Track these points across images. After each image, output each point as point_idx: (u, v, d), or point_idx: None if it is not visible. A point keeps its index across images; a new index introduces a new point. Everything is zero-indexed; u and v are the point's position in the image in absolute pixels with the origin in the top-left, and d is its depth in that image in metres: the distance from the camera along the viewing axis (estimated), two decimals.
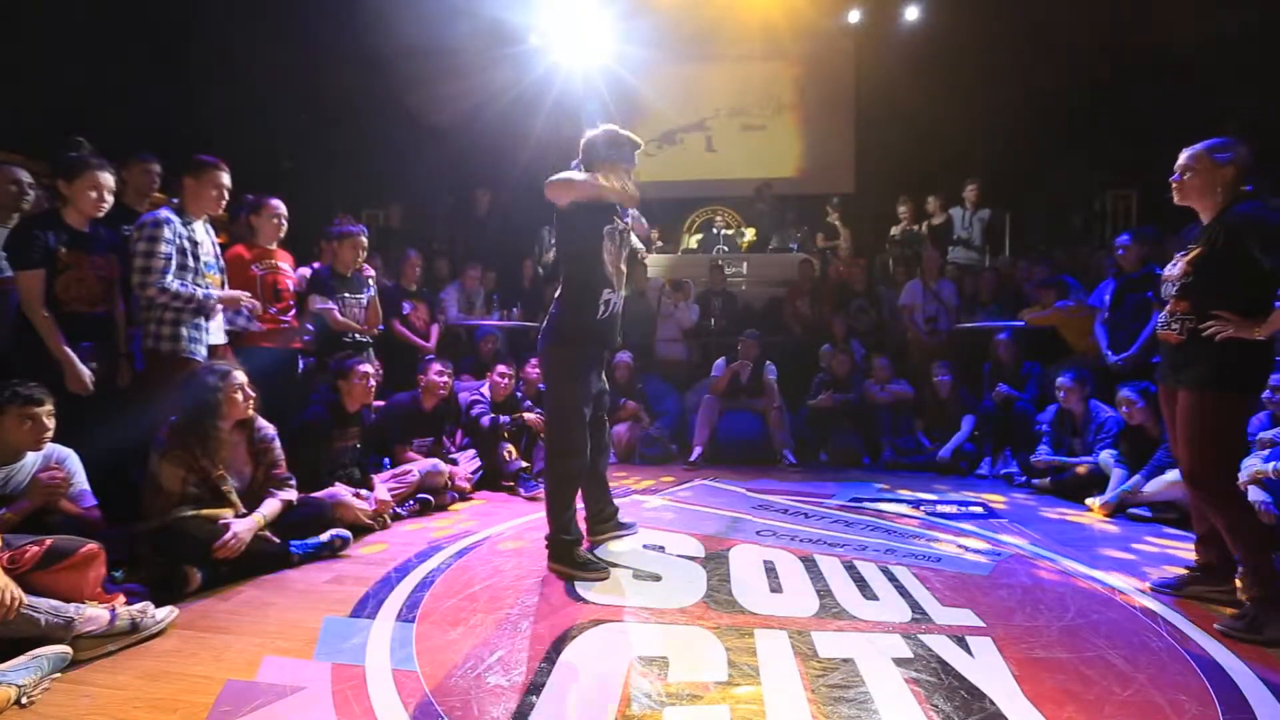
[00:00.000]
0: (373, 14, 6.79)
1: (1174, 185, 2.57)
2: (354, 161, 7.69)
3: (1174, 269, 2.57)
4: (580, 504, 3.06)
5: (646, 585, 2.74)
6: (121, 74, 5.68)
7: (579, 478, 3.01)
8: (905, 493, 4.45)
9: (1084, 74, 7.60)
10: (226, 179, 3.28)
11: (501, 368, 4.74)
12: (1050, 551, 3.22)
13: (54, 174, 3.07)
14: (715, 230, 8.31)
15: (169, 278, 3.04)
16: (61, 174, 3.00)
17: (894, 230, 7.48)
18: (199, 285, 3.15)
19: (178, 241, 3.09)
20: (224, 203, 3.32)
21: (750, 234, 8.31)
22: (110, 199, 3.06)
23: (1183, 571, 2.77)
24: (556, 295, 2.98)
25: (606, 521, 3.29)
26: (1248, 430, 3.27)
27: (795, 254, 7.53)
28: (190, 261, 3.14)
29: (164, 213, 3.11)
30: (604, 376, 3.16)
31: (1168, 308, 2.56)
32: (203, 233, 3.27)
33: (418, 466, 3.97)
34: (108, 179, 3.02)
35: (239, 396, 2.90)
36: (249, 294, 3.44)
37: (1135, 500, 3.87)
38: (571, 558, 2.85)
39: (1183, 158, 2.56)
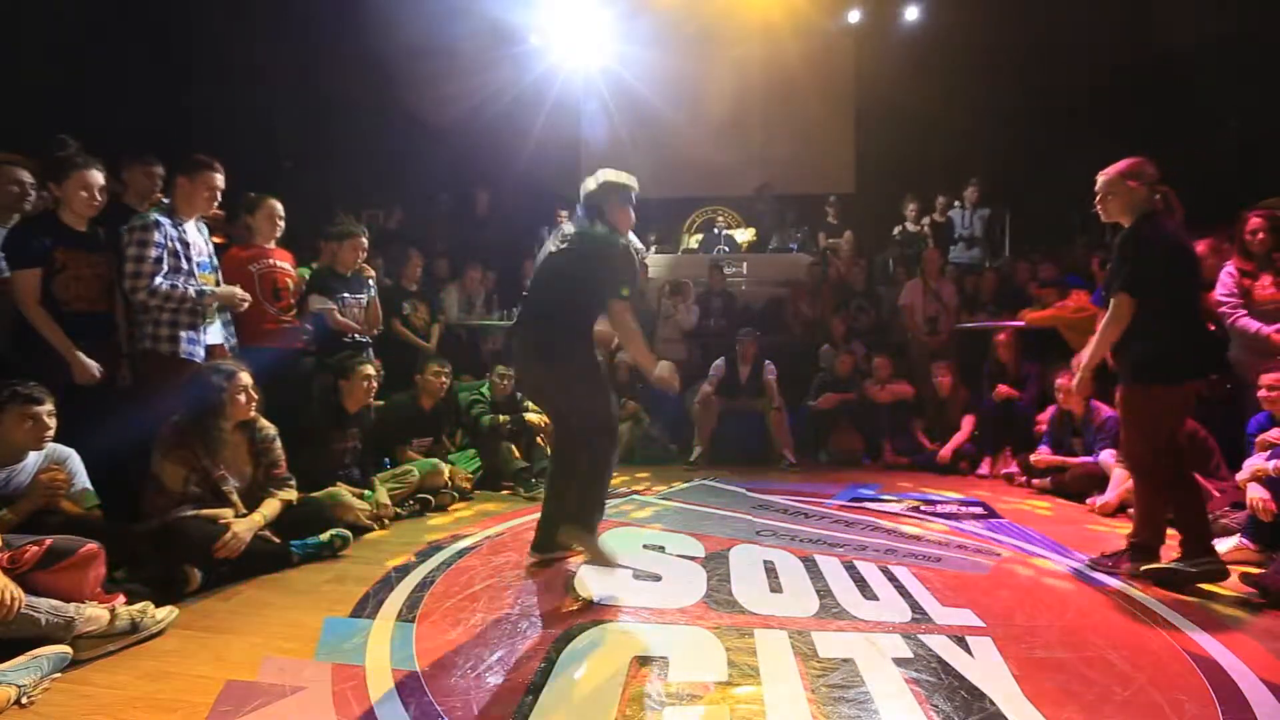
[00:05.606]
0: (372, 14, 6.79)
1: (1097, 206, 2.81)
2: (354, 161, 7.68)
3: None
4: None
5: (646, 585, 2.74)
6: (120, 74, 5.67)
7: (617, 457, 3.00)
8: (905, 492, 4.45)
9: (1084, 74, 7.60)
10: (220, 180, 3.26)
11: (501, 368, 4.74)
12: (1050, 551, 3.22)
13: (44, 175, 3.06)
14: (715, 230, 8.31)
15: (159, 280, 3.03)
16: (51, 175, 2.99)
17: (895, 231, 7.48)
18: (192, 285, 3.14)
19: (168, 244, 3.08)
20: (215, 204, 3.32)
21: (751, 234, 8.31)
22: (103, 196, 3.05)
23: (1119, 548, 2.93)
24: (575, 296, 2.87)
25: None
26: (1248, 430, 3.30)
27: (798, 254, 7.52)
28: (183, 264, 3.14)
29: (153, 215, 3.11)
30: None
31: None
32: (194, 233, 3.26)
33: (418, 466, 3.97)
34: (97, 177, 3.01)
35: (242, 397, 2.90)
36: (244, 292, 3.41)
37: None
38: (594, 533, 2.74)
39: (1099, 181, 2.79)
